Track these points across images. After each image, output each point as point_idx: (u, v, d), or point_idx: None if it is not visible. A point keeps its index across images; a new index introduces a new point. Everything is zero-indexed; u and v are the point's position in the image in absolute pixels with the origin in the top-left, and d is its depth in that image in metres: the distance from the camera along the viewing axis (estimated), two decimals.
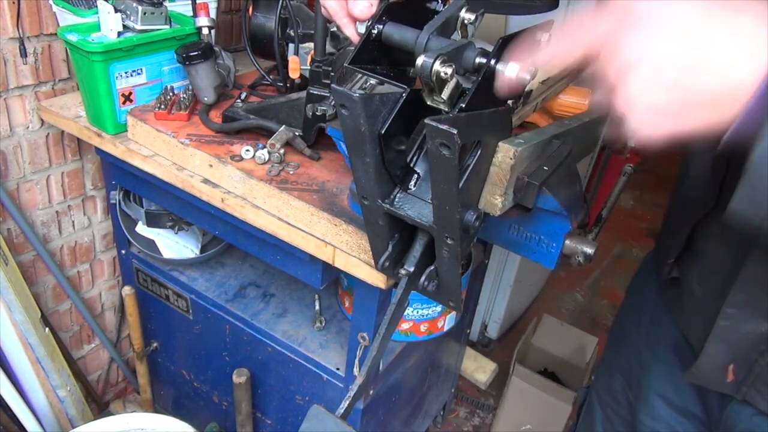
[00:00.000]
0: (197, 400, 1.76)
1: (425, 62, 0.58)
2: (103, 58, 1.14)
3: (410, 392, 1.65)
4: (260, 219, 1.09)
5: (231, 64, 1.35)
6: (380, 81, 0.73)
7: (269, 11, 1.24)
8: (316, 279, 1.16)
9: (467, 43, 0.64)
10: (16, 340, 1.42)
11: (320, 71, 1.10)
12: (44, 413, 1.57)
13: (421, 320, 1.36)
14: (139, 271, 1.62)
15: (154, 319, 1.69)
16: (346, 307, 1.43)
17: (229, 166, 1.11)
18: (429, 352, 1.65)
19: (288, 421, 1.54)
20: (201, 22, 1.25)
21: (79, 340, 1.78)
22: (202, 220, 1.29)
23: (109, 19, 1.14)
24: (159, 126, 1.19)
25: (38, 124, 1.40)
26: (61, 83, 1.40)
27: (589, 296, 2.97)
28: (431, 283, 0.74)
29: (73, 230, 1.61)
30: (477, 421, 2.25)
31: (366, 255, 0.99)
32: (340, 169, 1.14)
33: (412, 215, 0.68)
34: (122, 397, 2.00)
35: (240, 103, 1.25)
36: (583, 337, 2.28)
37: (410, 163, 0.70)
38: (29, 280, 1.54)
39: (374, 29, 0.66)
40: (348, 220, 1.00)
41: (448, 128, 0.51)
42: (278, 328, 1.43)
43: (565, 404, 1.95)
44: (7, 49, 1.27)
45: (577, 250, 0.94)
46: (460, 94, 0.62)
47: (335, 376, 1.34)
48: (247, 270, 1.62)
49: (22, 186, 1.44)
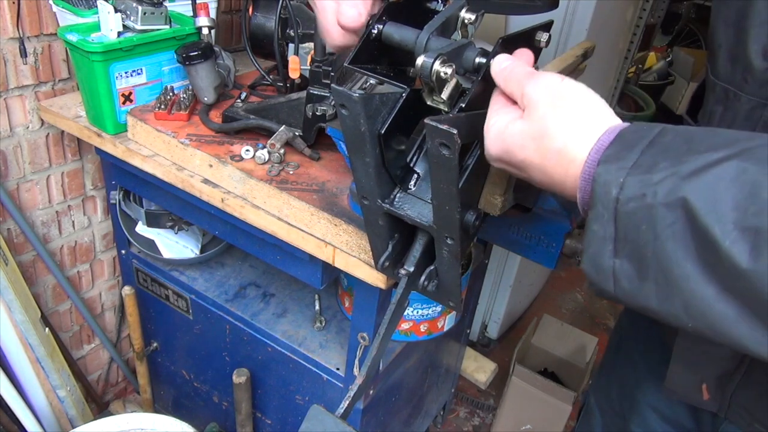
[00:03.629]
0: (197, 400, 1.76)
1: (425, 62, 0.58)
2: (103, 58, 1.14)
3: (410, 392, 1.65)
4: (260, 219, 1.09)
5: (231, 64, 1.35)
6: (380, 81, 0.73)
7: (269, 11, 1.23)
8: (316, 279, 1.16)
9: (467, 43, 0.64)
10: (16, 340, 1.42)
11: (320, 71, 1.10)
12: (44, 413, 1.57)
13: (421, 320, 1.36)
14: (139, 271, 1.62)
15: (154, 319, 1.69)
16: (346, 307, 1.42)
17: (229, 166, 1.11)
18: (429, 352, 1.65)
19: (288, 421, 1.54)
20: (201, 22, 1.25)
21: (79, 340, 1.78)
22: (202, 220, 1.29)
23: (109, 19, 1.14)
24: (159, 126, 1.19)
25: (38, 124, 1.40)
26: (61, 83, 1.40)
27: (589, 296, 2.97)
28: (431, 283, 0.74)
29: (73, 230, 1.61)
30: (477, 421, 2.25)
31: (366, 255, 0.99)
32: (340, 169, 1.14)
33: (412, 215, 0.68)
34: (122, 397, 2.00)
35: (240, 103, 1.25)
36: (583, 337, 2.28)
37: (410, 163, 0.70)
38: (29, 280, 1.54)
39: (374, 29, 0.66)
40: (348, 220, 0.99)
41: (448, 128, 0.51)
42: (278, 328, 1.43)
43: (565, 404, 1.95)
44: (7, 49, 1.27)
45: (577, 250, 0.94)
46: (460, 94, 0.62)
47: (335, 376, 1.33)
48: (247, 270, 1.61)
49: (22, 186, 1.44)
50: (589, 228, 0.47)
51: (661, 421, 0.90)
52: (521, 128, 0.53)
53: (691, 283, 0.42)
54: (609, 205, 0.45)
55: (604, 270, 0.47)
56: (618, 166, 0.45)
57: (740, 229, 0.39)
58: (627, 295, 0.47)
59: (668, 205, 0.42)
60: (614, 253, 0.46)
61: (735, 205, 0.40)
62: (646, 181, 0.44)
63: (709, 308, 0.42)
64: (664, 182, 0.43)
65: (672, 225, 0.42)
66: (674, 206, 0.42)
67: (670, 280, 0.43)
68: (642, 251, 0.44)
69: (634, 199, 0.44)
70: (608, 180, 0.45)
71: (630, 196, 0.44)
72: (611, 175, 0.45)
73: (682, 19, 4.49)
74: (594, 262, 0.48)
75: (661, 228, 0.43)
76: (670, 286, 0.43)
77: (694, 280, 0.42)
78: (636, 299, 0.46)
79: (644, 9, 2.46)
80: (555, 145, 0.51)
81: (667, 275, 0.43)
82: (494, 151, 0.56)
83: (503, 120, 0.55)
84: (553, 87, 0.53)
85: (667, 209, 0.42)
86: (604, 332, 2.74)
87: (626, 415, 0.96)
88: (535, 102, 0.52)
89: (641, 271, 0.45)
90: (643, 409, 0.92)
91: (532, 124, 0.52)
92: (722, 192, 0.40)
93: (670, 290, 0.44)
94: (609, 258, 0.47)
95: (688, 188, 0.42)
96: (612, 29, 2.17)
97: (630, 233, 0.45)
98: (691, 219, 0.41)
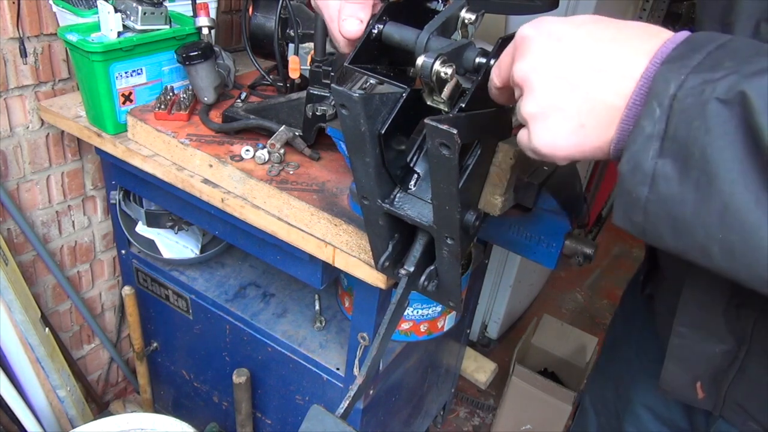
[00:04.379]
0: (197, 400, 1.76)
1: (425, 62, 0.57)
2: (103, 58, 1.14)
3: (410, 392, 1.65)
4: (260, 219, 1.09)
5: (231, 64, 1.35)
6: (380, 81, 0.73)
7: (269, 11, 1.23)
8: (316, 279, 1.16)
9: (467, 43, 0.64)
10: (16, 340, 1.42)
11: (320, 71, 1.10)
12: (44, 413, 1.57)
13: (421, 320, 1.36)
14: (139, 271, 1.62)
15: (154, 319, 1.69)
16: (346, 307, 1.43)
17: (229, 166, 1.11)
18: (429, 352, 1.65)
19: (288, 421, 1.54)
20: (201, 22, 1.25)
21: (79, 340, 1.78)
22: (202, 220, 1.29)
23: (109, 19, 1.14)
24: (159, 126, 1.19)
25: (38, 124, 1.40)
26: (61, 83, 1.40)
27: (589, 296, 2.97)
28: (431, 283, 0.74)
29: (73, 230, 1.61)
30: (477, 421, 2.25)
31: (366, 255, 0.99)
32: (340, 169, 1.14)
33: (412, 215, 0.68)
34: (122, 397, 2.00)
35: (240, 103, 1.25)
36: (583, 337, 2.28)
37: (410, 163, 0.70)
38: (29, 280, 1.54)
39: (374, 29, 0.66)
40: (348, 220, 0.99)
41: (448, 128, 0.51)
42: (278, 328, 1.43)
43: (565, 404, 1.95)
44: (7, 49, 1.27)
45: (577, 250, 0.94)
46: (460, 94, 0.62)
47: (335, 376, 1.33)
48: (247, 270, 1.62)
49: (22, 186, 1.44)
50: (638, 125, 0.45)
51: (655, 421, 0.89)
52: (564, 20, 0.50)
53: (734, 185, 0.41)
54: (664, 101, 0.43)
55: (644, 170, 0.45)
56: (681, 64, 0.43)
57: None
58: (661, 200, 0.45)
59: (726, 101, 0.41)
60: (659, 152, 0.44)
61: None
62: (708, 78, 0.42)
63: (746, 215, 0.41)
64: (726, 78, 0.41)
65: (726, 122, 0.41)
66: (732, 102, 0.41)
67: (713, 182, 0.41)
68: (689, 150, 0.42)
69: (692, 95, 0.42)
70: (669, 77, 0.43)
71: (688, 92, 0.42)
72: (673, 73, 0.43)
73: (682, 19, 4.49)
74: (634, 160, 0.45)
75: (713, 123, 0.41)
76: (711, 189, 0.42)
77: (738, 183, 0.41)
78: (670, 205, 0.44)
79: (644, 9, 2.46)
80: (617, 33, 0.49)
81: (710, 177, 0.42)
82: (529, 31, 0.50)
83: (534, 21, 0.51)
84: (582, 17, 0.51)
85: (724, 105, 0.41)
86: (604, 332, 2.74)
87: (620, 415, 0.96)
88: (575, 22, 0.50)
89: (684, 172, 0.43)
90: (638, 409, 0.91)
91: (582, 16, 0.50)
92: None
93: (709, 194, 0.42)
94: (652, 158, 0.44)
95: (750, 84, 0.40)
96: None
97: (680, 131, 0.43)
98: (746, 117, 0.40)
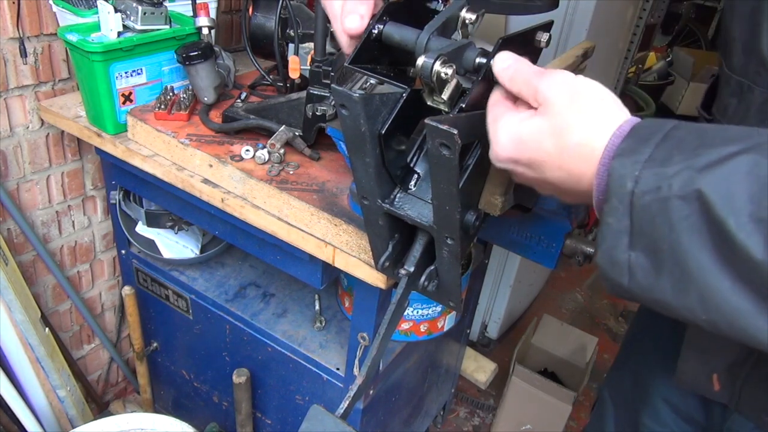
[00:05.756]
0: (197, 400, 1.76)
1: (426, 62, 0.57)
2: (103, 58, 1.14)
3: (410, 392, 1.65)
4: (260, 219, 1.09)
5: (231, 64, 1.35)
6: (380, 81, 0.73)
7: (269, 11, 1.23)
8: (316, 279, 1.16)
9: (467, 43, 0.64)
10: (16, 340, 1.42)
11: (320, 71, 1.10)
12: (44, 413, 1.57)
13: (421, 320, 1.36)
14: (139, 271, 1.62)
15: (154, 319, 1.69)
16: (346, 307, 1.42)
17: (229, 166, 1.11)
18: (429, 352, 1.65)
19: (288, 421, 1.54)
20: (201, 22, 1.25)
21: (79, 340, 1.78)
22: (202, 220, 1.29)
23: (109, 19, 1.14)
24: (159, 126, 1.19)
25: (38, 124, 1.40)
26: (61, 83, 1.40)
27: (589, 296, 2.97)
28: (431, 283, 0.74)
29: (73, 230, 1.61)
30: (477, 421, 2.25)
31: (366, 255, 0.99)
32: (340, 169, 1.14)
33: (412, 215, 0.68)
34: (122, 397, 2.00)
35: (240, 103, 1.25)
36: (583, 337, 2.28)
37: (410, 163, 0.70)
38: (29, 280, 1.54)
39: (374, 29, 0.66)
40: (348, 220, 0.99)
41: (448, 128, 0.51)
42: (278, 328, 1.43)
43: (565, 404, 1.95)
44: (7, 49, 1.27)
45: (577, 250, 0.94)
46: (460, 95, 0.62)
47: (335, 376, 1.33)
48: (247, 270, 1.61)
49: (22, 186, 1.44)
50: (604, 221, 0.47)
51: (672, 414, 0.90)
52: (538, 125, 0.53)
53: (707, 275, 0.42)
54: (624, 199, 0.45)
55: (620, 263, 0.47)
56: (633, 160, 0.45)
57: (755, 221, 0.40)
58: (642, 288, 0.47)
59: (683, 198, 0.43)
60: (630, 246, 0.46)
61: (750, 197, 0.40)
62: (661, 174, 0.44)
63: (724, 301, 0.42)
64: (679, 175, 0.43)
65: (687, 217, 0.42)
66: (689, 198, 0.42)
67: (686, 272, 0.43)
68: (657, 244, 0.44)
69: (650, 192, 0.44)
70: (623, 173, 0.46)
71: (645, 189, 0.44)
72: (626, 168, 0.45)
73: (682, 19, 4.49)
74: (609, 255, 0.48)
75: (676, 220, 0.43)
76: (685, 278, 0.43)
77: (710, 272, 0.42)
78: (651, 293, 0.46)
79: (644, 9, 2.46)
80: (575, 139, 0.50)
81: (682, 268, 0.43)
82: (506, 152, 0.55)
83: (513, 120, 0.55)
84: (569, 83, 0.53)
85: (683, 201, 0.43)
86: (604, 332, 2.74)
87: (638, 407, 0.97)
88: (552, 98, 0.52)
89: (657, 263, 0.45)
90: (655, 401, 0.92)
91: (551, 120, 0.52)
92: (737, 184, 0.41)
93: (685, 283, 0.44)
94: (624, 251, 0.47)
95: (703, 181, 0.42)
96: (612, 29, 2.17)
97: (645, 226, 0.45)
98: (706, 211, 0.42)
